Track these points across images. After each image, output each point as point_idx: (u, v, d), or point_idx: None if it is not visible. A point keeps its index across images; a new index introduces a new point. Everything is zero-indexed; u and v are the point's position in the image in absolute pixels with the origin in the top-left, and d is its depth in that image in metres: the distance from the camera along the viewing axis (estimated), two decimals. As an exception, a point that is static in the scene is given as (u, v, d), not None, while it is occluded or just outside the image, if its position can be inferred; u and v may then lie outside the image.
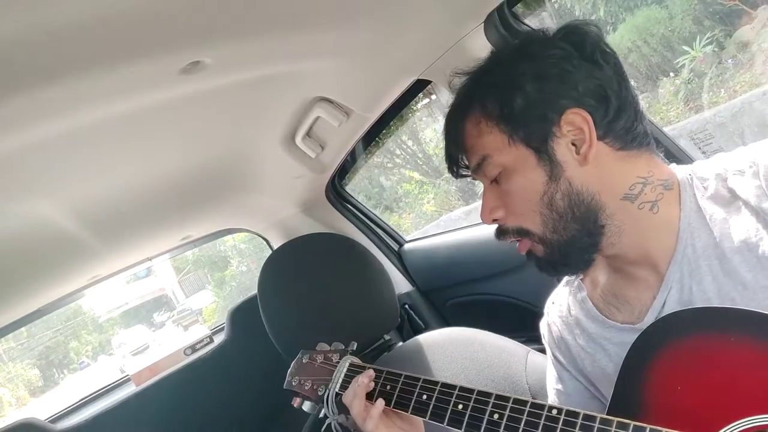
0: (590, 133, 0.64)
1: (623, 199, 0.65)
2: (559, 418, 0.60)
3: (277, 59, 0.95)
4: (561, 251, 0.68)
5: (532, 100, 0.65)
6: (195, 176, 1.35)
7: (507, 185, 0.69)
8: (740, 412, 0.54)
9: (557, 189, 0.66)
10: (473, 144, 0.70)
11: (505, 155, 0.67)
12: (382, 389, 0.80)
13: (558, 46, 0.66)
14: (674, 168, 0.69)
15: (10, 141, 0.78)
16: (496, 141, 0.68)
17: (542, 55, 0.66)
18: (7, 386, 13.59)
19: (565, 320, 0.80)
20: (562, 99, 0.64)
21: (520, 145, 0.66)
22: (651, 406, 0.60)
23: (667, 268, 0.65)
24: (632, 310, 0.70)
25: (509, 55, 0.69)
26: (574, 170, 0.65)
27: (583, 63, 0.65)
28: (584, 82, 0.64)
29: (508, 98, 0.66)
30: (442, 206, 6.46)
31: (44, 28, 0.57)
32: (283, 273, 1.44)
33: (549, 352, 0.85)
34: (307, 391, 0.92)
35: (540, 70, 0.65)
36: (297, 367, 0.97)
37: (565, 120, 0.64)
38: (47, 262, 1.38)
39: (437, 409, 0.72)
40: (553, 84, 0.64)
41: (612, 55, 0.66)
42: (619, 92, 0.65)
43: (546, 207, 0.66)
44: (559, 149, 0.65)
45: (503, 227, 0.72)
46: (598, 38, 0.67)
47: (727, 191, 0.63)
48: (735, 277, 0.61)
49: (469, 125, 0.70)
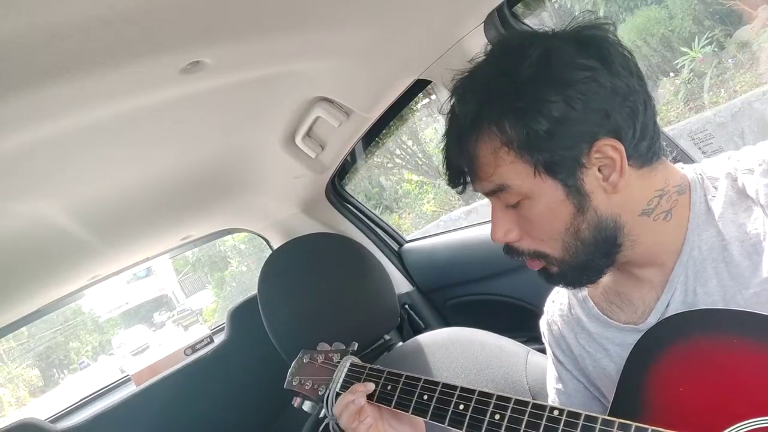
0: (622, 162, 0.60)
1: (641, 215, 0.64)
2: (561, 419, 0.60)
3: (277, 59, 0.95)
4: (576, 271, 0.67)
5: (560, 128, 0.59)
6: (195, 176, 1.35)
7: (528, 213, 0.65)
8: (742, 414, 0.54)
9: (584, 220, 0.63)
10: (490, 172, 0.64)
11: (529, 186, 0.62)
12: (382, 389, 0.80)
13: (584, 65, 0.60)
14: (684, 169, 0.68)
15: (10, 141, 0.78)
16: (518, 171, 0.62)
17: (570, 78, 0.59)
18: (7, 386, 13.58)
19: (566, 319, 0.79)
20: (592, 126, 0.60)
21: (547, 177, 0.61)
22: (653, 407, 0.60)
23: (673, 269, 0.65)
24: (635, 310, 0.69)
25: (531, 73, 0.60)
26: (601, 198, 0.62)
27: (608, 78, 0.60)
28: (611, 103, 0.60)
29: (533, 125, 0.59)
30: (442, 206, 6.46)
31: (44, 28, 0.57)
32: (282, 273, 1.44)
33: (549, 352, 0.85)
34: (307, 390, 0.92)
35: (567, 96, 0.59)
36: (298, 366, 0.97)
37: (595, 149, 0.60)
38: (47, 262, 1.38)
39: (438, 409, 0.72)
40: (582, 110, 0.59)
41: (632, 60, 0.63)
42: (645, 110, 0.62)
43: (571, 236, 0.64)
44: (587, 180, 0.61)
45: (516, 248, 0.68)
46: (618, 42, 0.63)
47: (736, 191, 0.62)
48: (741, 281, 0.60)
49: (484, 148, 0.63)
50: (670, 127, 3.69)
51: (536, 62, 0.60)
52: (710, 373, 0.57)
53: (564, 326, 0.80)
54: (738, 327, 0.57)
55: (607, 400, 0.78)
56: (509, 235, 0.67)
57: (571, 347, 0.79)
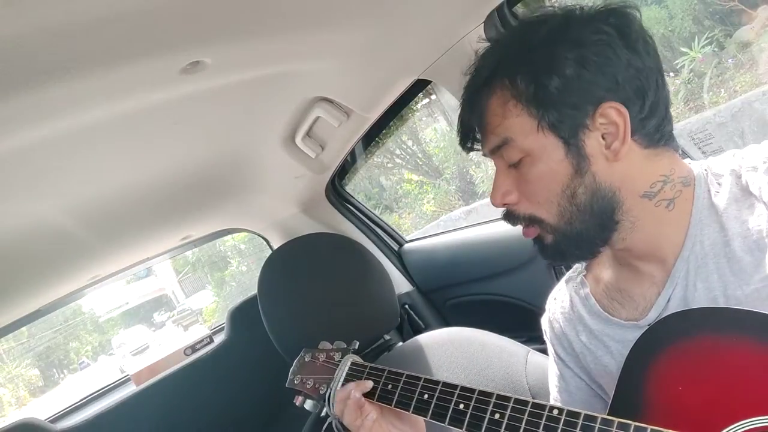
0: (625, 129, 0.61)
1: (642, 197, 0.64)
2: (560, 418, 0.60)
3: (277, 59, 0.95)
4: (571, 242, 0.67)
5: (570, 86, 0.60)
6: (195, 176, 1.35)
7: (527, 172, 0.65)
8: (742, 413, 0.54)
9: (581, 183, 0.63)
10: (496, 124, 0.65)
11: (531, 141, 0.63)
12: (383, 388, 0.80)
13: (601, 29, 0.61)
14: (691, 164, 0.68)
15: (10, 141, 0.78)
16: (523, 125, 0.63)
17: (585, 38, 0.61)
18: (7, 386, 13.58)
19: (568, 316, 0.79)
20: (601, 90, 0.61)
21: (549, 133, 0.62)
22: (653, 405, 0.60)
23: (674, 263, 0.65)
24: (636, 307, 0.69)
25: (548, 33, 0.62)
26: (601, 165, 0.63)
27: (624, 51, 0.60)
28: (624, 74, 0.61)
29: (544, 81, 0.61)
30: (442, 206, 6.46)
31: (44, 28, 0.57)
32: (283, 273, 1.44)
33: (551, 350, 0.85)
34: (309, 389, 0.92)
35: (581, 55, 0.60)
36: (299, 365, 0.97)
37: (600, 112, 0.61)
38: (47, 262, 1.38)
39: (438, 408, 0.72)
40: (593, 72, 0.60)
41: (653, 45, 0.63)
42: (656, 88, 0.62)
43: (567, 200, 0.64)
44: (589, 142, 0.62)
45: (513, 212, 0.69)
46: (641, 24, 0.63)
47: (740, 188, 0.62)
48: (743, 277, 0.60)
49: (495, 102, 0.65)
50: (670, 127, 3.68)
51: (556, 25, 0.63)
52: (710, 372, 0.57)
53: (566, 323, 0.80)
54: (738, 326, 0.57)
55: (608, 397, 0.78)
56: (507, 197, 0.68)
57: (573, 345, 0.79)
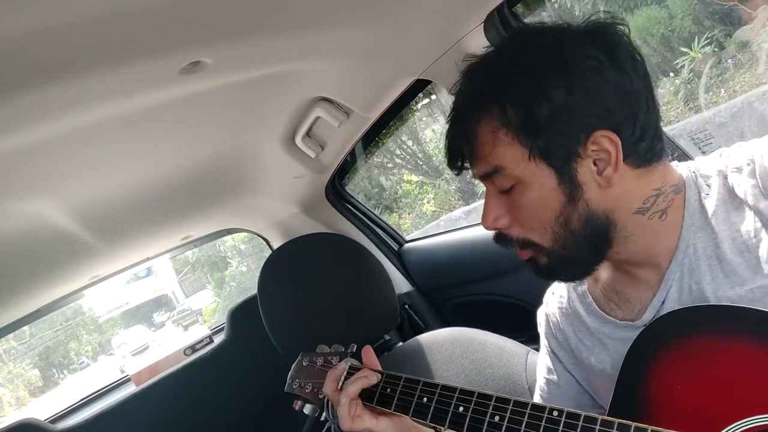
0: (617, 156, 0.60)
1: (636, 213, 0.64)
2: (560, 420, 0.60)
3: (277, 59, 0.95)
4: (565, 263, 0.67)
5: (560, 114, 0.60)
6: (195, 176, 1.35)
7: (519, 199, 0.65)
8: (742, 412, 0.54)
9: (575, 210, 0.63)
10: (486, 152, 0.64)
11: (522, 170, 0.63)
12: (382, 392, 0.80)
13: (590, 54, 0.60)
14: (678, 167, 0.68)
15: (10, 141, 0.78)
16: (514, 153, 0.62)
17: (574, 65, 0.60)
18: (7, 386, 13.58)
19: (565, 312, 0.80)
20: (591, 117, 0.60)
21: (541, 162, 0.62)
22: (653, 405, 0.60)
23: (668, 267, 0.65)
24: (632, 308, 0.70)
25: (536, 57, 0.61)
26: (594, 191, 0.62)
27: (614, 74, 0.60)
28: (615, 98, 0.60)
29: (533, 108, 0.60)
30: (442, 206, 6.46)
31: (45, 28, 0.57)
32: (282, 273, 1.44)
33: (544, 343, 0.85)
34: (307, 394, 0.92)
35: (571, 82, 0.59)
36: (297, 369, 0.97)
37: (592, 140, 0.60)
38: (47, 262, 1.38)
39: (438, 411, 0.72)
40: (583, 100, 0.59)
41: (642, 63, 0.62)
42: (647, 109, 0.62)
43: (560, 226, 0.64)
44: (581, 170, 0.62)
45: (506, 236, 0.69)
46: (630, 43, 0.62)
47: (727, 189, 0.63)
48: (734, 278, 0.60)
49: (484, 129, 0.64)
50: (670, 127, 3.69)
51: (544, 48, 0.61)
52: (708, 371, 0.57)
53: (563, 318, 0.80)
54: (736, 324, 0.57)
55: (598, 396, 0.78)
56: (499, 222, 0.68)
57: (569, 340, 0.79)
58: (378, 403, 0.80)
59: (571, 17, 4.42)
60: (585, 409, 0.61)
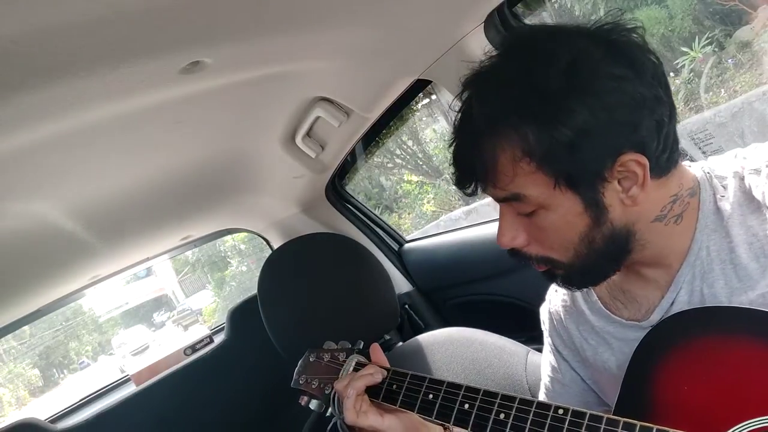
0: (644, 176, 0.58)
1: (654, 221, 0.63)
2: (566, 418, 0.60)
3: (277, 59, 0.95)
4: (583, 274, 0.66)
5: (585, 140, 0.56)
6: (195, 176, 1.35)
7: (541, 222, 0.62)
8: (748, 413, 0.54)
9: (599, 231, 0.61)
10: (507, 181, 0.61)
11: (546, 198, 0.60)
12: (388, 388, 0.80)
13: (612, 71, 0.56)
14: (691, 167, 0.67)
15: (10, 141, 0.78)
16: (537, 182, 0.59)
17: (597, 86, 0.56)
18: (7, 386, 13.58)
19: (569, 310, 0.79)
20: (618, 138, 0.57)
21: (567, 189, 0.59)
22: (659, 405, 0.60)
23: (679, 268, 0.65)
24: (639, 308, 0.69)
25: (556, 78, 0.56)
26: (618, 211, 0.61)
27: (637, 87, 0.57)
28: (640, 114, 0.57)
29: (558, 135, 0.56)
30: (442, 206, 6.45)
31: (45, 28, 0.57)
32: (283, 273, 1.44)
33: (548, 341, 0.85)
34: (314, 389, 0.92)
35: (594, 104, 0.56)
36: (304, 365, 0.97)
37: (619, 164, 0.58)
38: (47, 262, 1.38)
39: (443, 408, 0.72)
40: (609, 121, 0.56)
41: (660, 66, 0.60)
42: (669, 117, 0.60)
43: (584, 246, 0.62)
44: (607, 193, 0.59)
45: (523, 253, 0.67)
46: (647, 47, 0.59)
47: (744, 191, 0.62)
48: (748, 282, 0.60)
49: (503, 158, 0.60)
50: (670, 127, 3.68)
51: (565, 69, 0.57)
52: (716, 372, 0.57)
53: (567, 316, 0.80)
54: (744, 325, 0.57)
55: (604, 394, 0.78)
56: (516, 241, 0.66)
57: (573, 338, 0.79)
58: (384, 399, 0.80)
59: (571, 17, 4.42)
60: (591, 407, 0.61)
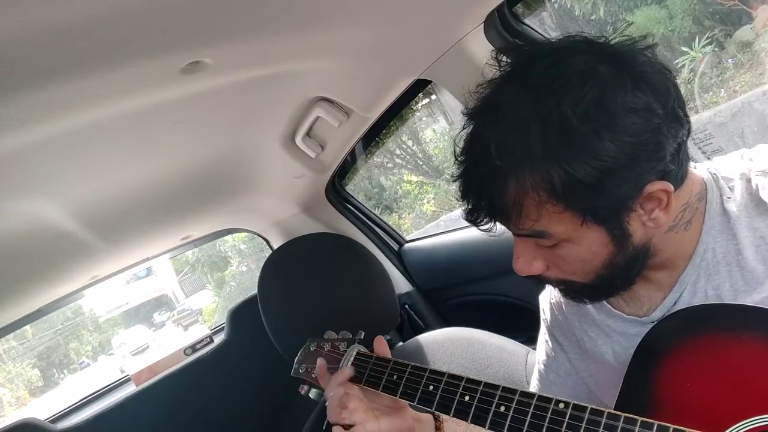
0: (668, 201, 0.58)
1: (667, 232, 0.63)
2: (566, 412, 0.60)
3: (277, 59, 0.95)
4: (598, 290, 0.66)
5: (612, 176, 0.54)
6: (195, 176, 1.35)
7: (563, 253, 0.62)
8: (750, 411, 0.54)
9: (622, 255, 0.61)
10: (530, 224, 0.59)
11: (572, 233, 0.59)
12: (389, 379, 0.80)
13: (637, 108, 0.54)
14: (696, 169, 0.66)
15: (10, 141, 0.78)
16: (562, 220, 0.58)
17: (620, 120, 0.54)
18: (7, 386, 13.58)
19: (570, 302, 0.78)
20: (644, 172, 0.55)
21: (594, 225, 0.58)
22: (661, 401, 0.60)
23: (684, 269, 0.65)
24: (640, 306, 0.70)
25: (578, 117, 0.54)
26: (640, 234, 0.60)
27: (657, 111, 0.55)
28: (664, 145, 0.56)
29: (583, 175, 0.54)
30: (442, 206, 6.45)
31: (44, 28, 0.57)
32: (283, 273, 1.44)
33: (546, 331, 0.85)
34: (314, 379, 0.93)
35: (620, 141, 0.53)
36: (305, 354, 0.98)
37: (645, 193, 0.57)
38: (47, 262, 1.38)
39: (444, 399, 0.72)
40: (633, 153, 0.54)
41: (672, 78, 0.58)
42: (686, 133, 0.59)
43: (606, 270, 0.62)
44: (632, 222, 0.59)
45: (542, 278, 0.66)
46: (664, 70, 0.58)
47: (751, 193, 0.62)
48: (754, 285, 0.60)
49: (527, 200, 0.57)
50: (670, 127, 3.68)
51: (587, 106, 0.54)
52: (718, 369, 0.57)
53: (568, 308, 0.80)
54: (747, 323, 0.57)
55: (599, 388, 0.78)
56: (534, 268, 0.65)
57: (574, 329, 0.79)
58: (384, 390, 0.80)
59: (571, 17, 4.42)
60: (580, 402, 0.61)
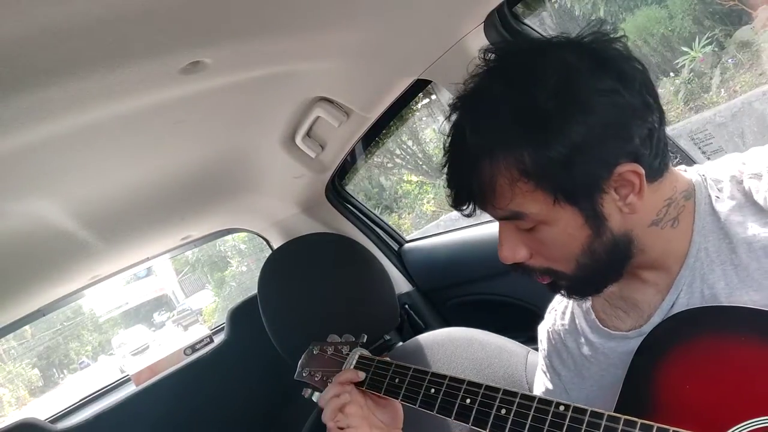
0: (641, 184, 0.59)
1: (651, 226, 0.64)
2: (567, 414, 0.60)
3: (277, 59, 0.95)
4: (586, 284, 0.67)
5: (582, 155, 0.57)
6: (195, 176, 1.35)
7: (542, 236, 0.63)
8: (750, 412, 0.54)
9: (600, 242, 0.62)
10: (505, 203, 0.62)
11: (546, 214, 0.61)
12: (390, 382, 0.80)
13: (603, 89, 0.58)
14: (687, 172, 0.67)
15: (10, 141, 0.78)
16: (536, 200, 0.60)
17: (590, 101, 0.57)
18: (7, 386, 13.58)
19: (569, 329, 0.79)
20: (613, 150, 0.58)
21: (566, 204, 0.60)
22: (660, 403, 0.60)
23: (679, 271, 0.65)
24: (641, 314, 0.69)
25: (549, 100, 0.57)
26: (616, 219, 0.62)
27: (627, 97, 0.58)
28: (632, 124, 0.58)
29: (554, 154, 0.57)
30: (442, 206, 6.45)
31: (45, 28, 0.57)
32: (283, 273, 1.44)
33: (544, 361, 0.84)
34: (317, 382, 0.93)
35: (588, 123, 0.57)
36: (308, 358, 0.98)
37: (615, 174, 0.59)
38: (47, 262, 1.38)
39: (445, 402, 0.72)
40: (603, 134, 0.57)
41: (646, 74, 0.61)
42: (659, 122, 0.61)
43: (585, 256, 0.63)
44: (606, 204, 0.61)
45: (526, 266, 0.68)
46: (633, 59, 0.61)
47: (742, 194, 0.62)
48: (750, 283, 0.60)
49: (501, 181, 0.61)
50: (670, 128, 3.68)
51: (555, 87, 0.58)
52: (717, 371, 0.57)
53: (566, 335, 0.79)
54: (746, 324, 0.57)
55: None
56: (518, 255, 0.66)
57: (573, 356, 0.78)
58: (386, 393, 0.80)
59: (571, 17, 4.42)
60: None
